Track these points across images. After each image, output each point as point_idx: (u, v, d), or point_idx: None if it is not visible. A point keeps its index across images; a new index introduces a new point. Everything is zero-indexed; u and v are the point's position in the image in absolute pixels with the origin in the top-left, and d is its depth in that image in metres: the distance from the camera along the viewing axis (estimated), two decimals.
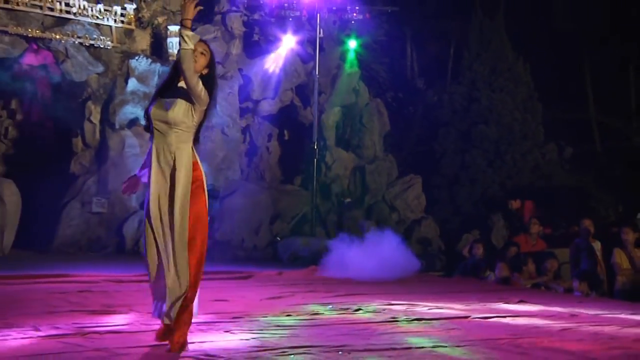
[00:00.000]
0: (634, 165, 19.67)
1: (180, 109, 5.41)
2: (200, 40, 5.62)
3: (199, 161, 5.60)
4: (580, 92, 22.29)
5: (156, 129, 5.47)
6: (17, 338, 5.97)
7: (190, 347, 5.55)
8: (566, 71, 21.54)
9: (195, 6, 5.35)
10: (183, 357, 5.29)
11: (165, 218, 5.43)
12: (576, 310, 7.93)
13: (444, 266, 15.23)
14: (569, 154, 20.12)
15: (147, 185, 5.56)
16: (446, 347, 5.75)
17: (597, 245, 11.70)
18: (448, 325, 6.86)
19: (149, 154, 5.61)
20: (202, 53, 5.57)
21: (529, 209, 16.27)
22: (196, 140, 5.63)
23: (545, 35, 21.70)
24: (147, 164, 5.64)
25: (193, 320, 5.79)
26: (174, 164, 5.44)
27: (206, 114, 5.59)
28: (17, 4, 13.51)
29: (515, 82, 19.04)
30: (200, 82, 5.40)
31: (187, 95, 5.40)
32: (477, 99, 18.82)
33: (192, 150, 5.56)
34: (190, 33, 5.27)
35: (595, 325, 6.86)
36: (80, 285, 9.50)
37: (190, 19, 5.29)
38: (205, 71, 5.57)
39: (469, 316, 7.38)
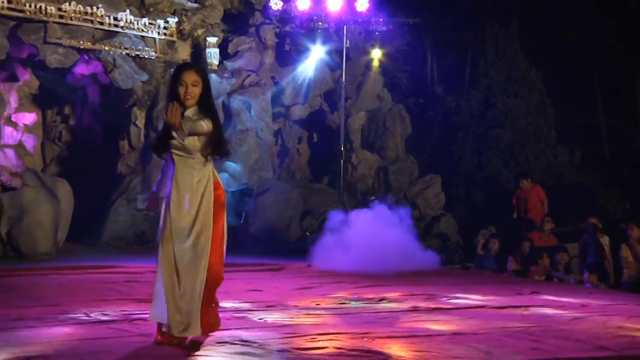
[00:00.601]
0: None
1: (194, 141, 5.24)
2: (191, 70, 5.38)
3: (219, 180, 5.49)
4: (589, 98, 22.09)
5: (176, 155, 5.32)
6: (70, 323, 6.05)
7: (227, 333, 5.59)
8: (576, 78, 21.35)
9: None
10: (220, 342, 5.31)
11: (185, 238, 5.30)
12: (586, 300, 7.86)
13: (462, 260, 15.16)
14: (579, 155, 19.97)
15: (166, 207, 5.38)
16: (464, 334, 5.73)
17: (605, 240, 11.61)
18: (465, 314, 6.84)
19: (165, 173, 5.51)
20: (193, 85, 5.31)
21: (536, 193, 15.59)
22: (225, 147, 5.45)
23: (556, 45, 21.53)
24: (164, 184, 5.52)
25: (231, 308, 5.82)
26: (196, 186, 5.30)
27: (217, 126, 5.33)
28: (71, 19, 13.61)
29: (529, 88, 18.90)
30: (204, 124, 5.18)
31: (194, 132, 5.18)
32: (493, 104, 18.71)
33: (213, 170, 5.42)
34: (182, 130, 5.03)
35: (604, 315, 6.80)
36: (127, 276, 9.59)
37: (175, 123, 4.98)
38: (200, 93, 5.34)
39: (485, 306, 7.34)
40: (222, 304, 6.96)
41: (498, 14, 19.49)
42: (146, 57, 14.54)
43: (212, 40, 15.15)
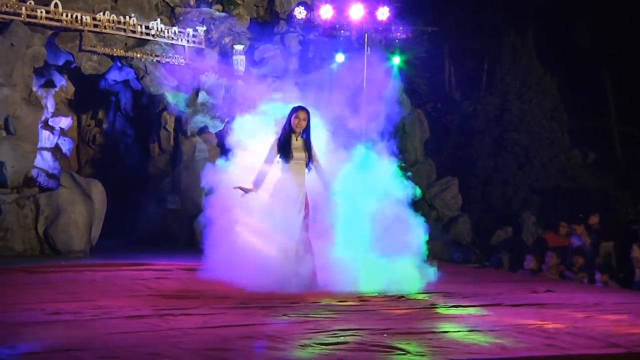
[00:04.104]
0: None
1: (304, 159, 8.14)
2: (304, 110, 8.07)
3: None
4: (602, 103, 21.92)
5: (295, 163, 8.04)
6: (104, 318, 6.10)
7: (252, 328, 5.62)
8: (589, 84, 21.21)
9: None
10: (245, 337, 5.34)
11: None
12: (599, 299, 7.79)
13: (478, 259, 15.12)
14: (591, 158, 19.81)
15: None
16: (480, 331, 5.72)
17: (609, 245, 11.59)
18: (482, 311, 6.81)
19: (262, 173, 8.11)
20: (304, 120, 8.01)
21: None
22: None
23: (570, 51, 21.39)
24: (260, 181, 8.12)
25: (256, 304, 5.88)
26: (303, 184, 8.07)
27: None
28: (105, 28, 13.69)
29: (543, 94, 18.79)
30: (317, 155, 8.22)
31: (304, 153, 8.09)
32: (509, 109, 18.62)
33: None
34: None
35: (617, 314, 6.75)
36: (157, 273, 9.64)
37: None
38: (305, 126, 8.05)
39: (501, 304, 7.31)
40: (247, 300, 7.03)
41: (514, 23, 19.39)
42: (175, 64, 14.61)
43: (238, 47, 15.18)
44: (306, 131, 8.08)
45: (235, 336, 5.35)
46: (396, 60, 16.73)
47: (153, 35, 14.33)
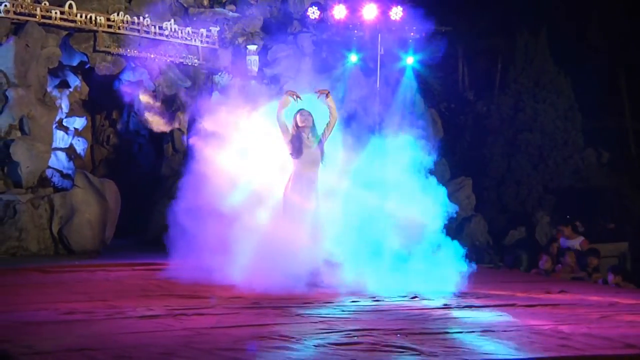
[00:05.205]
0: None
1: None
2: (304, 109, 8.45)
3: None
4: (616, 102, 21.77)
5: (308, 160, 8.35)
6: (117, 318, 6.11)
7: (265, 328, 5.61)
8: (604, 83, 21.06)
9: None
10: (259, 337, 5.33)
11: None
12: (614, 299, 7.74)
13: (492, 259, 15.05)
14: (606, 158, 19.68)
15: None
16: (494, 331, 5.68)
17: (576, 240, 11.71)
18: (495, 312, 6.78)
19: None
20: (309, 115, 8.43)
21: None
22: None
23: (584, 51, 21.25)
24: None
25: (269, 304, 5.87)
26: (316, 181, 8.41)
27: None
28: (119, 28, 13.74)
29: (557, 94, 18.67)
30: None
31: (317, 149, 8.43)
32: (522, 109, 18.51)
33: None
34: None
35: (632, 314, 6.70)
36: (169, 273, 9.64)
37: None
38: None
39: (515, 304, 7.27)
40: (260, 300, 7.03)
41: (528, 22, 19.30)
42: (189, 64, 14.63)
43: (252, 47, 15.19)
44: (313, 127, 8.48)
45: (248, 336, 5.34)
46: (410, 60, 16.69)
47: (167, 36, 14.37)
